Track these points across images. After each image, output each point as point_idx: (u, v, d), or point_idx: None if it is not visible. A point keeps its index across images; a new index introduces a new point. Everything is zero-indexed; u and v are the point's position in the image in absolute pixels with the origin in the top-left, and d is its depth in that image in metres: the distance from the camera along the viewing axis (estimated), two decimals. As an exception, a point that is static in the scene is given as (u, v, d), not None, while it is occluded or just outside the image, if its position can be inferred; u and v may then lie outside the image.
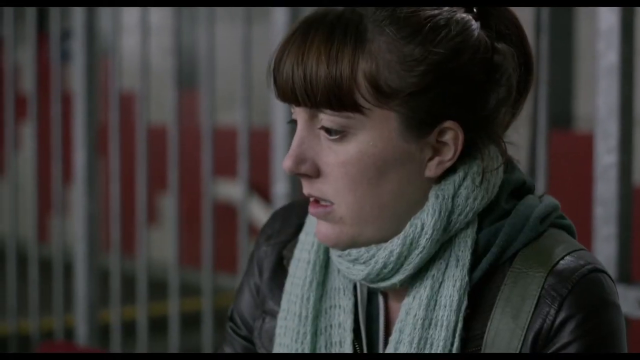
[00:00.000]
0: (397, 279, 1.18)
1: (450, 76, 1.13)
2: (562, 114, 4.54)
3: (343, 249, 1.19)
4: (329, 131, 1.15)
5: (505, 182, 1.22)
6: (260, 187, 5.28)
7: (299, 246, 1.27)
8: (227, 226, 3.31)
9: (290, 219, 1.26)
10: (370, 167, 1.14)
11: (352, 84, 1.12)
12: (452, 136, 1.16)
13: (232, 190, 5.72)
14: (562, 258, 1.18)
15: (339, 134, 1.14)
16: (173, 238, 3.28)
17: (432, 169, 1.17)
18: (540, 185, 2.21)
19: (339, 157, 1.15)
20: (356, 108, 1.13)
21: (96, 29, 3.53)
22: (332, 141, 1.15)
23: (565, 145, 4.13)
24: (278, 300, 1.28)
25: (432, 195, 1.18)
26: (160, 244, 3.39)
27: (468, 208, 1.17)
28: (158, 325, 3.83)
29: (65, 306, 3.75)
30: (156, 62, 4.31)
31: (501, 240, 1.18)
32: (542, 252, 1.19)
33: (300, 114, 1.17)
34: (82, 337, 3.55)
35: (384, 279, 1.18)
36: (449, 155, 1.17)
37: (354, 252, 1.18)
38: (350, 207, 1.16)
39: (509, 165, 1.24)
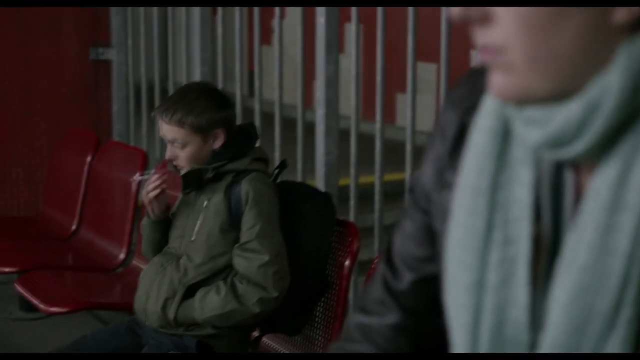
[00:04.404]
0: (576, 148, 1.02)
1: None
2: None
3: (514, 103, 1.06)
4: None
5: None
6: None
7: (480, 112, 1.14)
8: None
9: (478, 84, 1.12)
10: (544, 8, 0.99)
11: None
12: None
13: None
14: None
15: None
16: (408, 103, 3.30)
17: (621, 11, 0.98)
18: None
19: None
20: None
21: None
22: None
23: None
24: (458, 171, 1.16)
25: (622, 50, 1.00)
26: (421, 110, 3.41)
27: None
28: (394, 192, 3.84)
29: (308, 169, 3.79)
30: None
31: None
32: None
33: None
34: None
35: (561, 145, 1.03)
36: None
37: (529, 110, 1.04)
38: (522, 52, 1.01)
39: None
